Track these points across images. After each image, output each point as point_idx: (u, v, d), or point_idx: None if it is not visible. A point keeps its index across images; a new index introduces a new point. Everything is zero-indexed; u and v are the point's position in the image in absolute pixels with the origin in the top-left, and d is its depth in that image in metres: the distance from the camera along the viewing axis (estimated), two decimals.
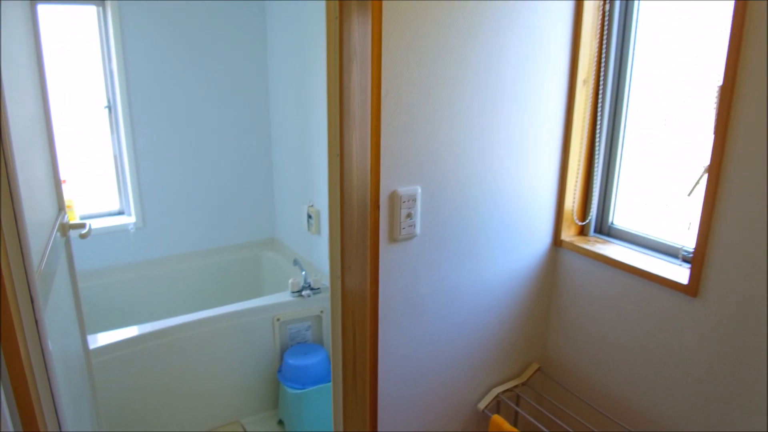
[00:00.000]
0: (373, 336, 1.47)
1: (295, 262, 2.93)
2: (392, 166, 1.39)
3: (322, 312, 2.78)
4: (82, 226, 1.73)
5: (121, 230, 2.98)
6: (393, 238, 1.43)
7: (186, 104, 2.98)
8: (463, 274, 1.64)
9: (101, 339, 2.35)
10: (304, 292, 2.73)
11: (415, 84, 1.37)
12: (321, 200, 2.82)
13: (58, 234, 1.64)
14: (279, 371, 2.71)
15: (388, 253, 1.43)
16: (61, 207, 1.77)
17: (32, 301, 1.12)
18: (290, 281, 2.72)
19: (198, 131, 3.05)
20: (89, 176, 3.03)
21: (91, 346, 2.29)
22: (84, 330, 1.91)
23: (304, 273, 2.77)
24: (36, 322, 1.13)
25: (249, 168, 3.26)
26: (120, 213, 3.09)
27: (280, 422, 2.74)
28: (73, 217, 2.88)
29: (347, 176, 1.42)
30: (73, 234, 1.76)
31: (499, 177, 1.62)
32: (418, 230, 1.48)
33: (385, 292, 1.46)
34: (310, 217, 2.90)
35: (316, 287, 2.77)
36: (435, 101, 1.42)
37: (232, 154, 3.19)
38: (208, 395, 2.63)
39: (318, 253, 2.94)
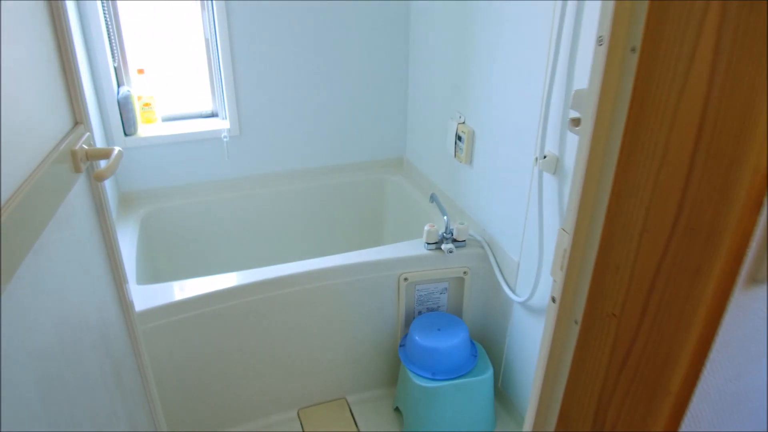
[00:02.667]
0: None
1: (432, 199, 2.14)
2: None
3: (465, 273, 2.00)
4: (106, 154, 1.01)
5: (213, 138, 2.31)
6: (755, 278, 0.58)
7: None
8: None
9: (177, 291, 1.73)
10: (444, 245, 1.94)
11: None
12: (477, 117, 1.96)
13: (66, 165, 0.94)
14: (401, 345, 2.00)
15: (740, 304, 0.58)
16: (79, 120, 1.06)
17: None
18: (426, 228, 1.94)
19: (316, 16, 2.24)
20: (178, 69, 2.35)
21: (162, 302, 1.68)
22: (125, 296, 1.26)
23: (446, 218, 1.98)
24: None
25: (375, 66, 2.43)
26: (212, 115, 2.41)
27: (397, 410, 2.07)
28: (151, 119, 2.24)
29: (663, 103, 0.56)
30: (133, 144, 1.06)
31: None
32: None
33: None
34: (459, 138, 2.06)
35: (460, 239, 1.97)
36: None
37: (355, 47, 2.36)
38: (308, 365, 1.99)
39: (466, 190, 2.12)
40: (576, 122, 0.73)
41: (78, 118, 1.06)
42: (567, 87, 1.46)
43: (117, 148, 1.04)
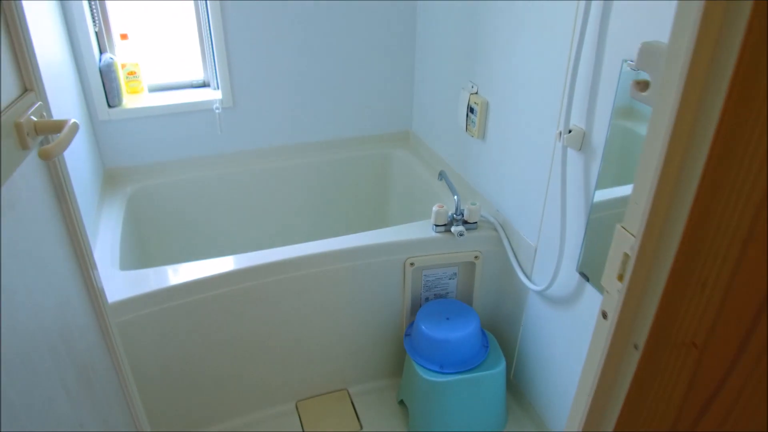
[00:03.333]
0: None
1: (441, 176, 1.97)
2: None
3: (476, 258, 1.84)
4: (58, 127, 0.85)
5: (204, 110, 2.14)
6: None
7: None
8: None
9: (163, 277, 1.58)
10: (453, 228, 1.78)
11: None
12: (491, 87, 1.78)
13: (9, 141, 0.78)
14: (407, 335, 1.86)
15: None
16: (28, 87, 0.89)
17: None
18: (434, 208, 1.78)
19: None
20: (166, 34, 2.17)
21: (146, 289, 1.53)
22: (94, 284, 1.11)
23: (456, 198, 1.81)
24: None
25: (380, 32, 2.24)
26: (204, 85, 2.23)
27: (401, 402, 1.93)
28: (137, 89, 2.06)
29: None
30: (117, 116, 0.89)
31: None
32: None
33: None
34: (471, 111, 1.88)
35: (471, 221, 1.81)
36: None
37: (357, 10, 2.17)
38: (306, 354, 1.85)
39: (478, 167, 1.95)
40: (642, 86, 0.57)
41: (27, 84, 0.90)
42: (598, 50, 1.28)
43: (72, 120, 0.88)
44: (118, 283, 1.57)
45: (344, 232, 2.54)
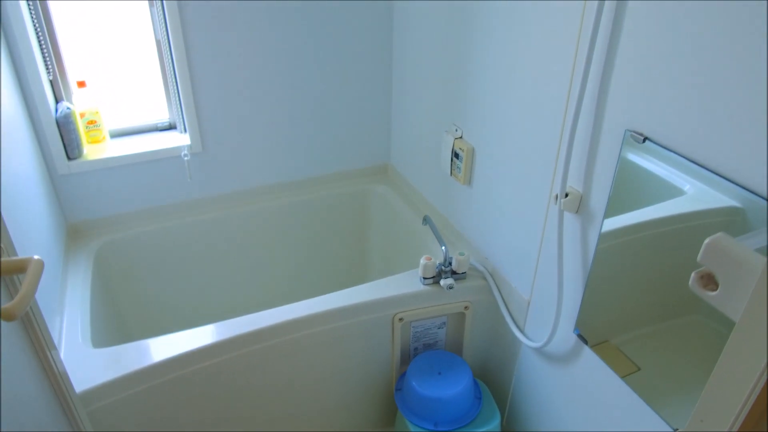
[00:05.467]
0: None
1: (426, 222, 1.90)
2: None
3: (466, 308, 1.78)
4: (20, 267, 0.73)
5: (172, 156, 2.01)
6: None
7: None
8: None
9: (153, 351, 1.48)
10: (443, 281, 1.72)
11: None
12: (477, 132, 1.71)
13: None
14: (397, 389, 1.80)
15: None
16: None
17: None
18: (422, 261, 1.71)
19: (285, 9, 1.94)
20: (127, 75, 2.04)
21: (135, 366, 1.43)
22: (53, 368, 1.00)
23: (444, 248, 1.75)
24: None
25: (354, 65, 2.14)
26: (170, 128, 2.11)
27: None
28: (98, 138, 1.93)
29: None
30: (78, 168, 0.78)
31: None
32: None
33: None
34: (456, 156, 1.81)
35: (460, 271, 1.75)
36: None
37: (330, 44, 2.07)
38: (296, 413, 1.78)
39: (465, 212, 1.89)
40: (707, 281, 0.51)
41: None
42: (597, 107, 1.22)
43: (35, 258, 0.77)
44: (93, 364, 1.46)
45: (325, 275, 2.47)
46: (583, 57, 1.19)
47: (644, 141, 1.12)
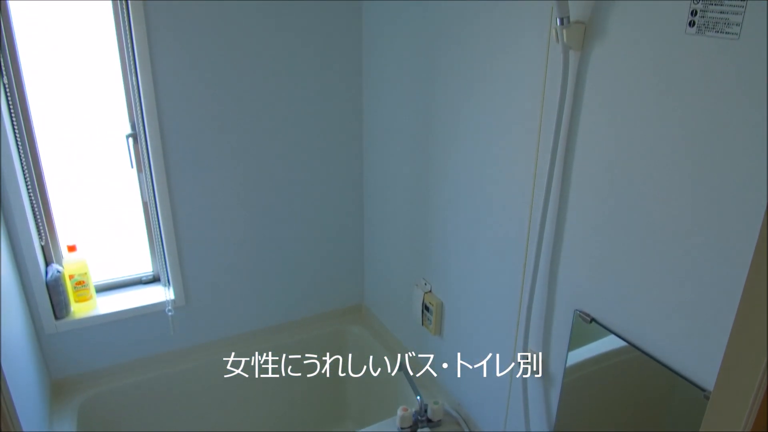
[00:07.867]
0: None
1: (401, 368, 2.01)
2: None
3: None
4: None
5: (155, 311, 2.10)
6: None
7: (241, 126, 2.04)
8: None
9: None
10: (419, 431, 1.80)
11: None
12: (444, 288, 1.87)
13: None
14: None
15: None
16: None
17: None
18: (399, 413, 1.80)
19: (260, 164, 2.12)
20: (114, 232, 2.16)
21: None
22: None
23: (419, 398, 1.84)
24: None
25: (329, 215, 2.32)
26: (154, 280, 2.21)
27: None
28: (85, 297, 2.01)
29: None
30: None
31: None
32: None
33: None
34: (427, 308, 1.95)
35: (435, 419, 1.84)
36: None
37: (307, 195, 2.25)
38: None
39: (437, 358, 2.00)
40: None
41: None
42: (551, 271, 1.38)
43: None
44: None
45: (303, 417, 2.50)
46: (535, 238, 1.36)
47: (591, 322, 1.27)
